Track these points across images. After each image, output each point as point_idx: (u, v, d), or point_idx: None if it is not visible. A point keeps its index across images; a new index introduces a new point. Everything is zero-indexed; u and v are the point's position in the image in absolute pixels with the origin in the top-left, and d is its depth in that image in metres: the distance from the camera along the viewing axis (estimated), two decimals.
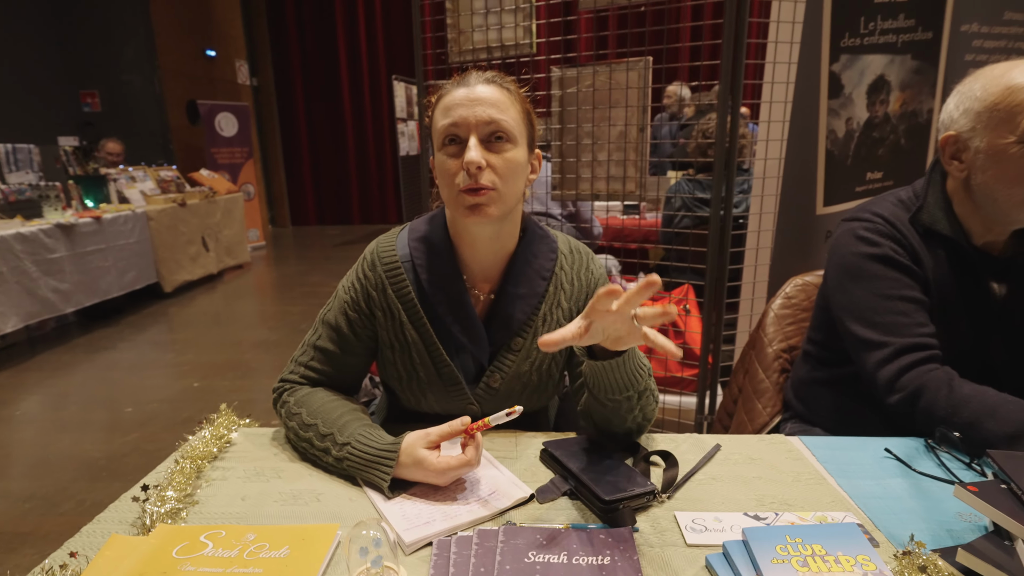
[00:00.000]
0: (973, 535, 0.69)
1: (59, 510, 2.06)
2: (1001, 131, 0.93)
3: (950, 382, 0.92)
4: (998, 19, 1.80)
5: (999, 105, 0.92)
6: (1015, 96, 0.91)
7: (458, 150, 0.85)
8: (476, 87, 0.86)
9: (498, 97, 0.86)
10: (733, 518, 0.73)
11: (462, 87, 0.86)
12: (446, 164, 0.86)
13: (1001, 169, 0.94)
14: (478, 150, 0.83)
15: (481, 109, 0.84)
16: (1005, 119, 0.92)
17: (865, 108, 1.71)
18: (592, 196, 1.91)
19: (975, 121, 0.96)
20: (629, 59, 1.76)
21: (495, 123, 0.84)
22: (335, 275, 5.64)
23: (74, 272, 3.95)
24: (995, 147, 0.94)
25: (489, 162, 0.84)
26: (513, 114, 0.86)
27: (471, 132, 0.84)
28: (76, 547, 0.69)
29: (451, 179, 0.86)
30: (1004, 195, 0.95)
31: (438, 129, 0.87)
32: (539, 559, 0.64)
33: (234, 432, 0.96)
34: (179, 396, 3.01)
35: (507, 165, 0.85)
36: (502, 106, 0.85)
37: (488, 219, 0.86)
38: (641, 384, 0.85)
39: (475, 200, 0.84)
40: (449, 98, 0.86)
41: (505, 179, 0.85)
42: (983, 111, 0.94)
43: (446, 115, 0.85)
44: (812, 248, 1.78)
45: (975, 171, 0.97)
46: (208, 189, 5.62)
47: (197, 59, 7.11)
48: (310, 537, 0.69)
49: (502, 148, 0.85)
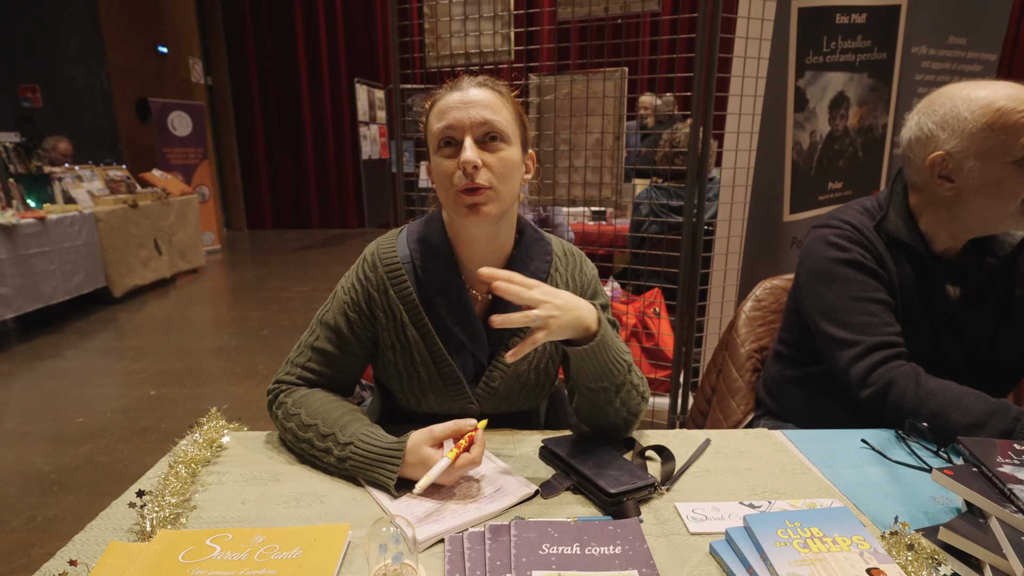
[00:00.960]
0: (947, 516, 0.74)
1: (8, 527, 1.94)
2: (998, 152, 0.97)
3: (917, 377, 0.99)
4: (943, 42, 1.95)
5: (995, 125, 0.96)
6: (1007, 117, 0.95)
7: (454, 151, 0.87)
8: (469, 90, 0.88)
9: (491, 99, 0.88)
10: (730, 507, 0.77)
11: (456, 91, 0.88)
12: (443, 166, 0.88)
13: (996, 187, 0.99)
14: (474, 150, 0.85)
15: (475, 111, 0.86)
16: (1005, 140, 0.96)
17: (827, 122, 1.82)
18: (568, 202, 1.95)
19: (968, 141, 0.99)
20: (606, 69, 1.81)
21: (489, 123, 0.86)
22: (295, 280, 5.51)
23: (15, 276, 3.72)
24: (991, 166, 0.98)
25: (485, 162, 0.86)
26: (506, 115, 0.89)
27: (466, 133, 0.86)
28: (70, 556, 0.66)
29: (448, 180, 0.87)
30: (995, 210, 1.01)
31: (433, 132, 0.89)
32: (553, 551, 0.66)
33: (224, 436, 0.94)
34: (134, 405, 2.88)
35: (502, 164, 0.87)
36: (495, 107, 0.88)
37: (486, 218, 0.87)
38: (618, 378, 0.88)
39: (473, 200, 0.86)
40: (443, 102, 0.88)
41: (501, 178, 0.87)
42: (977, 132, 0.98)
43: (441, 118, 0.87)
44: (779, 253, 1.87)
45: (967, 189, 1.02)
46: (161, 190, 5.40)
47: (148, 55, 6.83)
48: (321, 538, 0.68)
49: (497, 148, 0.87)
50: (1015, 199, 0.99)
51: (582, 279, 1.02)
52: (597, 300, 1.01)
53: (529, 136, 0.98)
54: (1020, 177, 0.97)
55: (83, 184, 4.64)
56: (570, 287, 1.00)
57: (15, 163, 4.24)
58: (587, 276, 1.02)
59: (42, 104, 5.97)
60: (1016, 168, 0.97)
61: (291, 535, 0.69)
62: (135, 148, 6.56)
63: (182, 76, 7.40)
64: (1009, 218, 1.01)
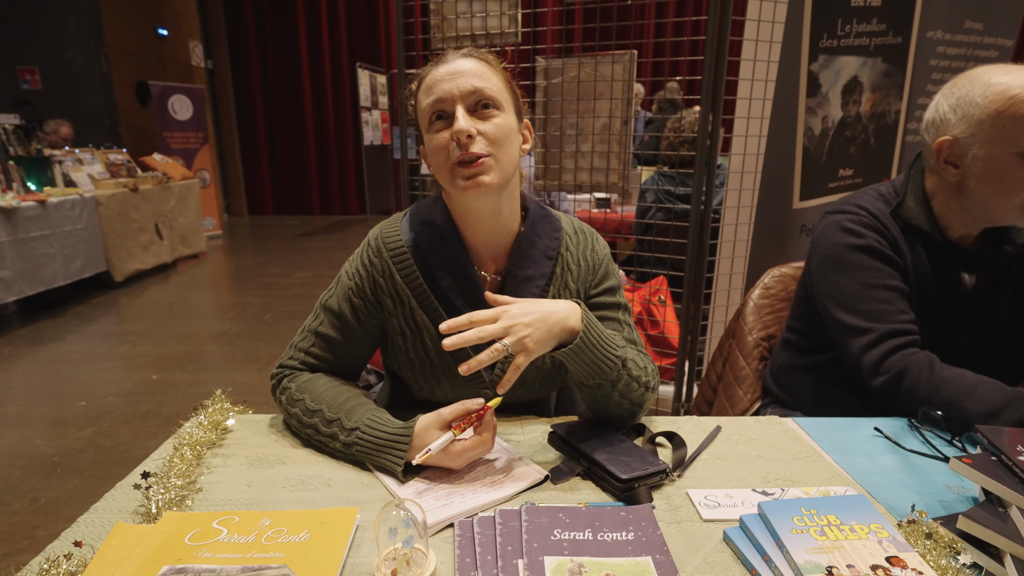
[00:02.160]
0: (963, 505, 0.73)
1: (11, 509, 1.94)
2: (1003, 141, 0.94)
3: (931, 365, 0.97)
4: (959, 27, 1.91)
5: (1004, 114, 0.93)
6: (1020, 107, 0.92)
7: (446, 124, 0.85)
8: (455, 61, 0.86)
9: (479, 67, 0.86)
10: (743, 494, 0.76)
11: (441, 64, 0.87)
12: (435, 140, 0.85)
13: (999, 177, 0.96)
14: (467, 119, 0.83)
15: (463, 80, 0.84)
16: (1012, 128, 0.93)
17: (839, 107, 1.78)
18: (575, 187, 1.93)
19: (976, 128, 0.97)
20: (614, 52, 1.78)
21: (479, 91, 0.84)
22: (296, 266, 5.49)
23: (15, 259, 3.71)
24: (995, 155, 0.96)
25: (479, 130, 0.84)
26: (495, 82, 0.87)
27: (456, 103, 0.84)
28: (75, 538, 0.65)
29: (444, 154, 0.85)
30: (996, 200, 0.98)
31: (423, 109, 0.87)
32: (565, 536, 0.65)
33: (229, 419, 0.92)
34: (136, 389, 2.87)
35: (497, 130, 0.85)
36: (483, 75, 0.86)
37: (488, 189, 0.85)
38: (611, 374, 0.84)
39: (471, 171, 0.84)
40: (431, 77, 0.87)
41: (497, 143, 0.85)
42: (985, 119, 0.95)
43: (429, 93, 0.86)
44: (788, 241, 1.85)
45: (970, 177, 1.00)
46: (162, 174, 5.37)
47: (148, 38, 6.76)
48: (329, 521, 0.67)
49: (490, 115, 0.85)
50: (1019, 192, 0.96)
51: (594, 259, 1.00)
52: (608, 281, 0.99)
53: (523, 105, 0.95)
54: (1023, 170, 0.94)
55: (83, 167, 4.61)
56: (581, 266, 0.98)
57: (15, 146, 4.20)
58: (599, 256, 1.00)
59: (41, 86, 5.91)
60: (1020, 160, 0.94)
61: (299, 518, 0.68)
62: (135, 132, 6.51)
63: (182, 59, 7.32)
64: (1012, 211, 0.98)
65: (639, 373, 0.88)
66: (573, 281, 0.97)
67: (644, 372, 0.89)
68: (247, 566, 0.60)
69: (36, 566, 0.59)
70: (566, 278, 0.97)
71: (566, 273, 0.97)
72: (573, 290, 0.97)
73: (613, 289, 0.99)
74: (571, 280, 0.97)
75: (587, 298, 0.98)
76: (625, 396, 0.88)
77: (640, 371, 0.89)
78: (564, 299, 0.96)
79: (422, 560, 0.60)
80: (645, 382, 0.89)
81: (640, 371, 0.89)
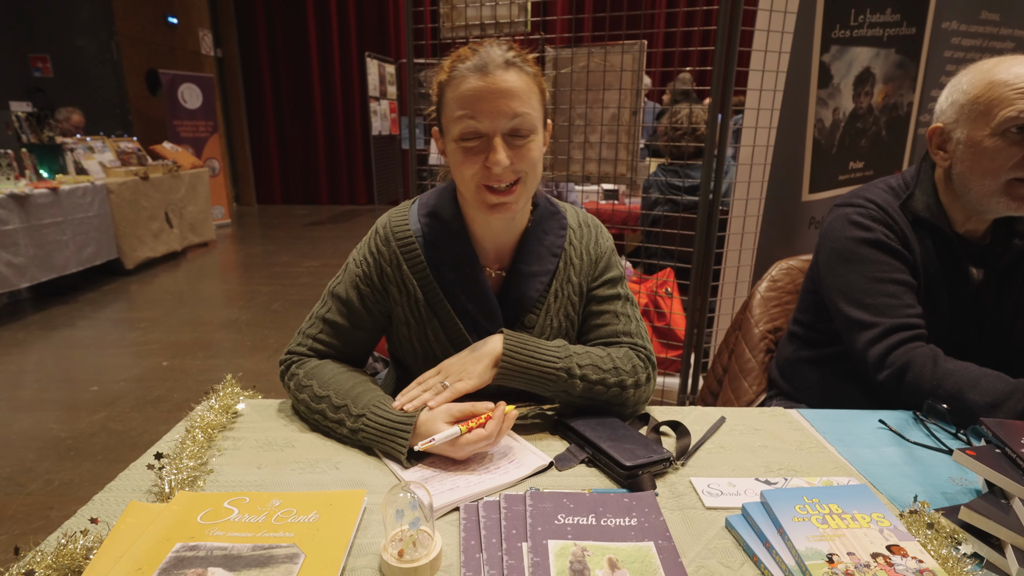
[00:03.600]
0: (966, 497, 0.74)
1: (26, 490, 1.98)
2: (979, 124, 0.98)
3: (935, 358, 0.97)
4: (975, 18, 1.88)
5: (980, 99, 0.97)
6: (995, 91, 0.95)
7: (479, 146, 0.82)
8: (496, 75, 0.80)
9: (519, 86, 0.81)
10: (746, 483, 0.76)
11: (480, 76, 0.80)
12: (465, 156, 0.83)
13: (976, 160, 0.99)
14: (504, 151, 0.81)
15: (503, 103, 0.80)
16: (983, 112, 0.97)
17: (851, 99, 1.77)
18: (583, 178, 1.93)
19: (959, 113, 1.01)
20: (624, 42, 1.77)
21: (518, 118, 0.81)
22: (304, 255, 5.52)
23: (29, 245, 3.75)
24: (972, 139, 0.99)
25: (512, 157, 0.82)
26: (534, 102, 0.84)
27: (496, 133, 0.81)
28: (91, 515, 0.67)
29: (471, 171, 0.83)
30: (977, 185, 1.00)
31: (453, 118, 0.83)
32: (569, 521, 0.66)
33: (240, 403, 0.94)
34: (147, 375, 2.91)
35: (530, 155, 0.84)
36: (524, 95, 0.82)
37: (511, 215, 0.87)
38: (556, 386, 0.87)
39: (500, 199, 0.84)
40: (468, 86, 0.80)
41: (528, 169, 0.85)
42: (966, 104, 0.99)
43: (463, 107, 0.81)
44: (796, 233, 1.84)
45: (955, 161, 1.03)
46: (172, 163, 5.40)
47: (158, 26, 6.77)
48: (337, 503, 0.68)
49: (525, 142, 0.83)
50: (996, 175, 0.97)
51: (597, 251, 1.00)
52: (609, 272, 1.00)
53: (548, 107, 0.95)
54: (999, 152, 0.96)
55: (95, 155, 4.64)
56: (584, 260, 0.99)
57: (27, 133, 4.24)
58: (602, 248, 1.01)
59: (52, 74, 5.95)
60: (994, 140, 0.96)
61: (308, 499, 0.69)
62: (145, 120, 6.54)
63: (192, 48, 7.33)
64: (994, 197, 0.99)
65: (603, 376, 0.88)
66: (576, 275, 0.98)
67: (614, 372, 0.89)
68: (257, 544, 0.61)
69: (54, 541, 0.61)
70: (569, 272, 0.97)
71: (569, 268, 0.97)
72: (575, 284, 0.98)
73: (614, 280, 1.00)
74: (574, 274, 0.98)
75: (588, 290, 0.99)
76: (592, 399, 0.88)
77: (606, 372, 0.88)
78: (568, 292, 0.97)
79: (428, 542, 0.61)
80: (617, 381, 0.89)
81: (606, 372, 0.88)
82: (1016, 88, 0.94)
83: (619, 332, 0.96)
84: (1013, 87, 0.94)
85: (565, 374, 0.87)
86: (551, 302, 0.97)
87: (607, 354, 0.91)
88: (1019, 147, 0.94)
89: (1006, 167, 0.96)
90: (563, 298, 0.97)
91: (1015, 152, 0.95)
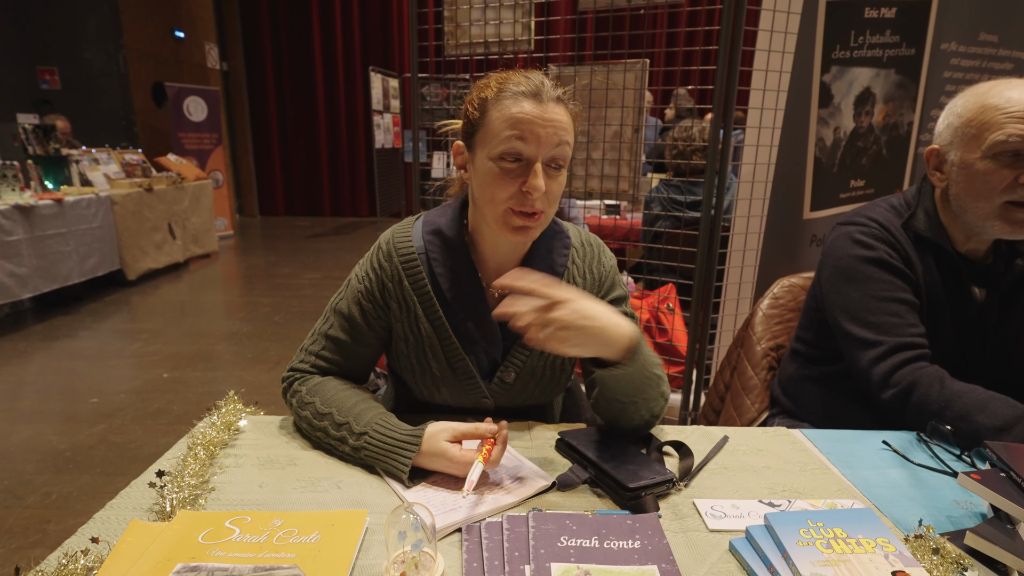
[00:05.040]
0: (971, 521, 0.73)
1: (24, 503, 1.97)
2: (971, 146, 0.99)
3: (942, 379, 0.97)
4: (974, 39, 1.90)
5: (972, 122, 0.99)
6: (986, 114, 0.97)
7: (518, 168, 0.83)
8: (549, 105, 0.82)
9: (566, 120, 0.84)
10: (749, 505, 0.76)
11: (534, 101, 0.82)
12: (502, 180, 0.84)
13: (970, 182, 1.00)
14: (542, 178, 0.82)
15: (553, 132, 0.82)
16: (975, 135, 0.98)
17: (852, 118, 1.78)
18: (585, 194, 1.94)
19: (953, 135, 1.02)
20: (627, 60, 1.79)
21: (560, 147, 0.83)
22: (307, 267, 5.53)
23: (32, 256, 3.76)
24: (965, 161, 1.00)
25: (546, 187, 0.83)
26: (572, 137, 0.87)
27: (538, 157, 0.82)
28: (91, 534, 0.67)
29: (504, 192, 0.84)
30: (972, 207, 1.02)
31: (499, 137, 0.82)
32: (572, 543, 0.65)
33: (242, 420, 0.94)
34: (148, 387, 2.91)
35: (558, 188, 0.87)
36: (568, 128, 0.84)
37: (530, 239, 0.88)
38: (651, 392, 0.86)
39: (524, 223, 0.85)
40: (518, 108, 0.81)
41: (553, 201, 0.87)
42: (960, 126, 1.01)
43: (514, 127, 0.81)
44: (798, 251, 1.85)
45: (951, 183, 1.04)
46: (176, 175, 5.43)
47: (164, 40, 6.85)
48: (339, 523, 0.68)
49: (558, 173, 0.86)
50: (990, 198, 0.98)
51: (600, 270, 1.00)
52: (614, 292, 1.00)
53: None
54: (990, 175, 0.97)
55: (99, 167, 4.67)
56: (587, 279, 0.99)
57: (33, 145, 4.27)
58: (605, 267, 1.01)
59: (60, 86, 6.01)
60: (985, 163, 0.97)
61: (309, 519, 0.69)
62: (151, 132, 6.60)
63: (198, 61, 7.42)
64: (989, 220, 1.00)
65: (665, 388, 0.90)
66: None
67: (662, 381, 0.91)
68: (259, 566, 0.61)
69: (54, 561, 0.60)
70: None
71: (571, 287, 0.98)
72: None
73: (619, 300, 1.00)
74: None
75: None
76: (649, 409, 0.89)
77: (666, 385, 0.91)
78: None
79: (430, 564, 0.61)
80: (664, 393, 0.91)
81: (666, 385, 0.91)
82: (1006, 112, 0.95)
83: None
84: (1004, 111, 0.95)
85: (657, 381, 0.87)
86: None
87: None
88: (1010, 170, 0.96)
89: (998, 190, 0.97)
90: None
91: (1006, 175, 0.96)
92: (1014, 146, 0.94)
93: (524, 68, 0.90)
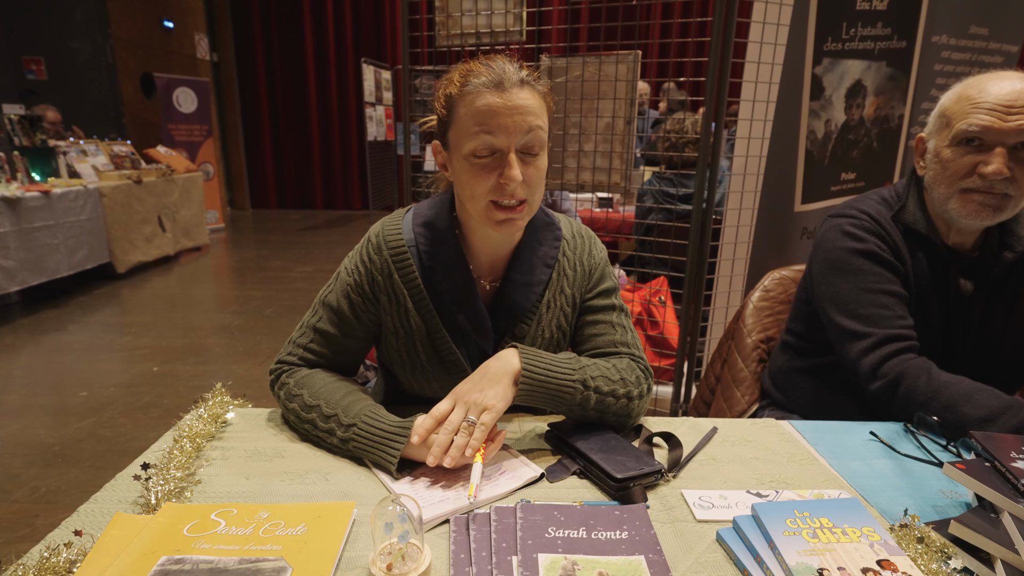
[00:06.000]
0: (956, 510, 0.74)
1: (12, 497, 1.95)
2: (943, 134, 1.03)
3: (929, 370, 0.98)
4: (964, 32, 1.91)
5: (947, 111, 1.03)
6: (959, 104, 1.00)
7: (492, 162, 0.82)
8: (513, 92, 0.81)
9: (534, 103, 0.82)
10: (737, 495, 0.76)
11: (497, 93, 0.80)
12: (477, 175, 0.83)
13: (940, 169, 1.04)
14: (518, 167, 0.81)
15: (520, 118, 0.80)
16: (946, 124, 1.02)
17: (843, 111, 1.78)
18: (577, 186, 1.93)
19: (933, 124, 1.07)
20: (619, 52, 1.78)
21: (532, 132, 0.82)
22: (298, 260, 5.50)
23: (19, 249, 3.72)
24: (937, 149, 1.04)
25: (523, 174, 0.83)
26: (544, 119, 0.85)
27: (510, 147, 0.81)
28: (75, 527, 0.66)
29: (482, 187, 0.83)
30: (937, 193, 1.05)
31: (468, 134, 0.82)
32: (560, 534, 0.65)
33: (229, 412, 0.93)
34: (137, 381, 2.89)
35: (538, 174, 0.85)
36: (537, 111, 0.83)
37: (516, 230, 0.88)
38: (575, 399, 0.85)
39: (507, 216, 0.84)
40: (483, 102, 0.80)
41: (535, 188, 0.86)
42: (937, 115, 1.05)
43: (480, 122, 0.81)
44: (788, 244, 1.85)
45: (929, 169, 1.07)
46: (165, 167, 5.37)
47: (153, 30, 6.76)
48: (326, 515, 0.68)
49: (535, 159, 0.84)
50: (950, 184, 1.02)
51: (590, 262, 1.00)
52: (603, 284, 1.00)
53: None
54: (951, 162, 1.01)
55: (87, 159, 4.62)
56: (577, 271, 0.99)
57: (20, 136, 4.21)
58: (595, 259, 1.01)
59: (46, 77, 5.92)
60: (950, 151, 1.01)
61: (296, 511, 0.68)
62: (139, 123, 6.52)
63: (187, 52, 7.33)
64: (950, 200, 1.03)
65: (613, 387, 0.88)
66: (569, 286, 0.98)
67: (622, 383, 0.89)
68: (244, 558, 0.60)
69: (37, 554, 0.60)
70: (562, 283, 0.97)
71: (562, 279, 0.97)
72: (569, 295, 0.98)
73: (608, 291, 1.00)
74: (567, 285, 0.98)
75: (582, 301, 0.99)
76: (603, 412, 0.88)
77: (615, 384, 0.88)
78: (560, 304, 0.97)
79: (417, 555, 0.61)
80: (625, 393, 0.88)
81: (615, 384, 0.88)
82: (974, 103, 0.98)
83: (617, 342, 0.96)
84: (972, 102, 0.98)
85: (581, 386, 0.85)
86: (543, 312, 0.96)
87: (612, 365, 0.91)
88: (969, 157, 0.99)
89: (957, 176, 1.01)
90: (555, 309, 0.97)
91: (965, 163, 1.00)
92: (975, 134, 0.97)
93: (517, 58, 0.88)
